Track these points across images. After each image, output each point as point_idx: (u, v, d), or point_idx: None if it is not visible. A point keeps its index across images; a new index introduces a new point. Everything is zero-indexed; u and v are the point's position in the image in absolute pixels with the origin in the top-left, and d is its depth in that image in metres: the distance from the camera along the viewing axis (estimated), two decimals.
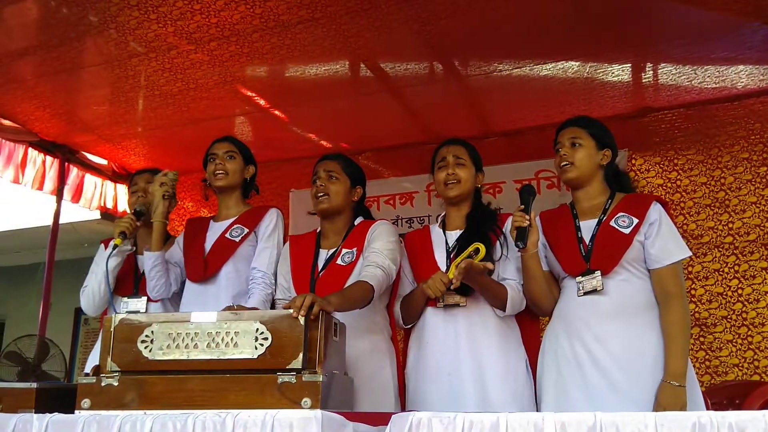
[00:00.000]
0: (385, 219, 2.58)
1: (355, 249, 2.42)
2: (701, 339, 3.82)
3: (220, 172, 2.67)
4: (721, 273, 3.86)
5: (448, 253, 2.40)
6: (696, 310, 3.84)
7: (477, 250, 2.17)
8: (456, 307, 2.31)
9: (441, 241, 2.45)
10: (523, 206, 2.25)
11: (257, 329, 1.74)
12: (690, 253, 2.24)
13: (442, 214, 2.56)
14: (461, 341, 2.30)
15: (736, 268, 3.84)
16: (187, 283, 2.68)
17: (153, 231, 2.64)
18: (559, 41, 3.37)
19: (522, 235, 2.20)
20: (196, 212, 4.93)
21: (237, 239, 2.64)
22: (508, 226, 2.38)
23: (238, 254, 2.63)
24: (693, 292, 3.87)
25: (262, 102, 4.03)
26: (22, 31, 3.31)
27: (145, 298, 2.73)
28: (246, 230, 2.65)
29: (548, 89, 3.84)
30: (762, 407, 2.80)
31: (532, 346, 2.39)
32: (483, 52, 3.52)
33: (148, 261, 2.63)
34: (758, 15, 3.12)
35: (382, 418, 1.59)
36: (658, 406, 2.02)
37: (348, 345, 2.05)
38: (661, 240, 2.18)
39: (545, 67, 3.63)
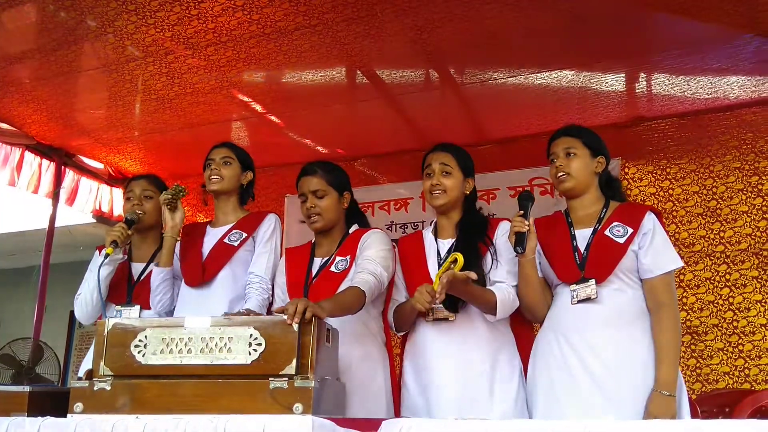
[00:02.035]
0: (378, 228, 2.57)
1: (348, 257, 2.42)
2: (692, 347, 3.84)
3: (215, 177, 2.68)
4: (712, 281, 3.89)
5: (440, 263, 2.39)
6: (687, 318, 3.86)
7: (455, 261, 2.15)
8: (446, 321, 2.31)
9: (433, 249, 2.45)
10: (522, 212, 2.26)
11: (251, 335, 1.74)
12: (682, 264, 2.26)
13: (434, 221, 2.56)
14: (452, 353, 2.29)
15: (728, 276, 3.86)
16: (183, 287, 2.68)
17: (164, 247, 2.64)
18: (554, 51, 3.40)
19: (521, 240, 2.21)
20: (192, 217, 4.94)
21: (235, 244, 2.65)
22: (498, 232, 2.38)
23: (236, 259, 2.64)
24: (685, 300, 3.89)
25: (258, 107, 4.05)
26: (20, 34, 3.32)
27: (138, 307, 2.72)
28: (244, 235, 2.66)
29: (543, 98, 3.87)
30: (752, 415, 2.82)
31: (527, 354, 2.37)
32: (478, 61, 3.55)
33: (157, 276, 2.63)
34: (751, 27, 3.16)
35: (373, 424, 1.60)
36: (648, 414, 2.04)
37: (341, 351, 2.06)
38: (654, 250, 2.19)
39: (540, 76, 3.66)
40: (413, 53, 3.42)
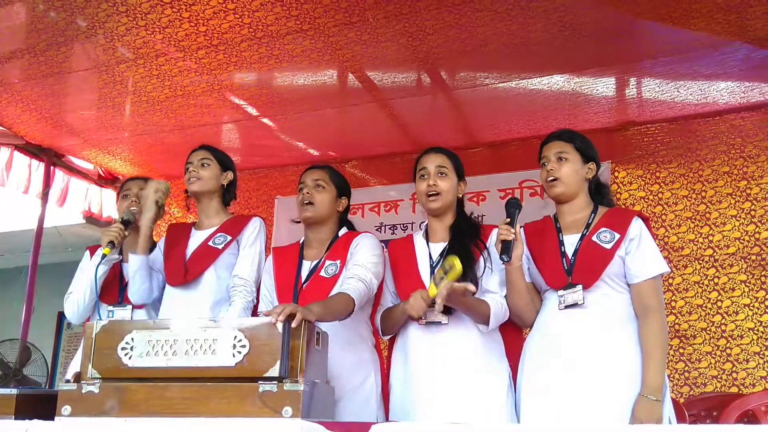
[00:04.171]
0: (368, 231, 2.57)
1: (338, 261, 2.42)
2: (681, 350, 3.86)
3: (194, 178, 2.67)
4: (701, 285, 3.91)
5: (432, 267, 2.40)
6: (676, 321, 3.89)
7: (452, 265, 2.15)
8: (438, 324, 2.31)
9: (425, 254, 2.45)
10: (508, 219, 2.27)
11: (235, 336, 1.74)
12: (669, 269, 2.27)
13: (425, 223, 2.56)
14: (443, 356, 2.29)
15: (716, 280, 3.89)
16: (167, 287, 2.67)
17: (140, 234, 2.63)
18: (545, 56, 3.42)
19: (507, 248, 2.22)
20: (182, 218, 4.93)
21: (219, 246, 2.64)
22: (491, 239, 2.38)
23: (220, 261, 2.63)
24: (673, 303, 3.91)
25: (249, 110, 4.05)
26: (9, 34, 3.31)
27: (130, 307, 2.71)
28: (229, 238, 2.65)
29: (534, 102, 3.89)
30: (739, 419, 2.83)
31: (515, 358, 2.39)
32: (470, 66, 3.57)
33: (134, 263, 2.62)
34: (740, 34, 3.19)
35: (363, 428, 1.60)
36: (635, 419, 2.05)
37: (333, 357, 2.05)
38: (641, 255, 2.20)
39: (531, 81, 3.67)
40: (405, 58, 3.43)
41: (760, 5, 2.94)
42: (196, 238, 2.70)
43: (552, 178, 2.32)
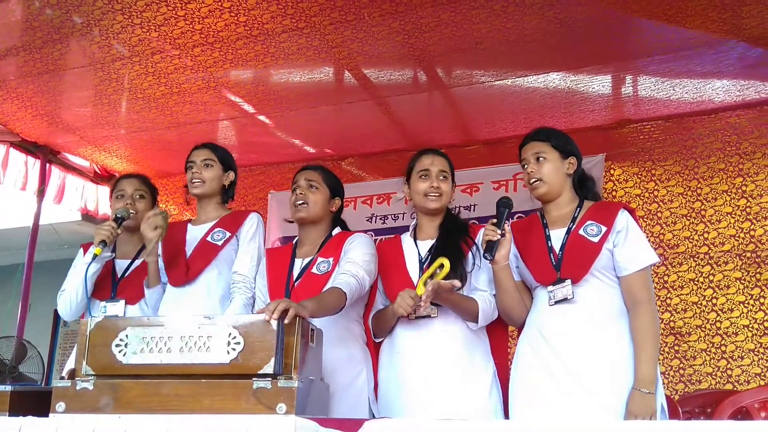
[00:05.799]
0: (362, 231, 2.59)
1: (331, 259, 2.42)
2: (676, 348, 3.87)
3: (197, 180, 2.67)
4: (696, 282, 3.92)
5: (421, 264, 2.41)
6: (671, 319, 3.90)
7: (441, 266, 2.16)
8: (426, 318, 2.33)
9: (413, 251, 2.46)
10: (495, 220, 2.26)
11: (230, 333, 1.74)
12: (657, 259, 2.27)
13: (413, 223, 2.57)
14: (429, 352, 2.31)
15: (711, 277, 3.90)
16: (168, 288, 2.67)
17: (149, 271, 2.63)
18: (541, 55, 3.43)
19: (491, 247, 2.22)
20: (179, 215, 4.93)
21: (219, 243, 2.64)
22: (480, 236, 2.40)
23: (220, 258, 2.63)
24: (668, 301, 3.92)
25: (245, 107, 4.05)
26: (5, 31, 3.31)
27: (122, 302, 2.71)
28: (228, 234, 2.65)
29: (530, 100, 3.89)
30: (733, 416, 2.83)
31: (500, 356, 2.41)
32: (466, 64, 3.58)
33: (152, 297, 2.64)
34: (735, 33, 3.20)
35: (355, 424, 1.60)
36: (629, 413, 2.05)
37: (325, 353, 2.06)
38: (629, 247, 2.20)
39: (527, 80, 3.68)
40: (401, 56, 3.43)
41: (755, 3, 2.95)
42: (193, 234, 2.70)
43: (534, 179, 2.33)
